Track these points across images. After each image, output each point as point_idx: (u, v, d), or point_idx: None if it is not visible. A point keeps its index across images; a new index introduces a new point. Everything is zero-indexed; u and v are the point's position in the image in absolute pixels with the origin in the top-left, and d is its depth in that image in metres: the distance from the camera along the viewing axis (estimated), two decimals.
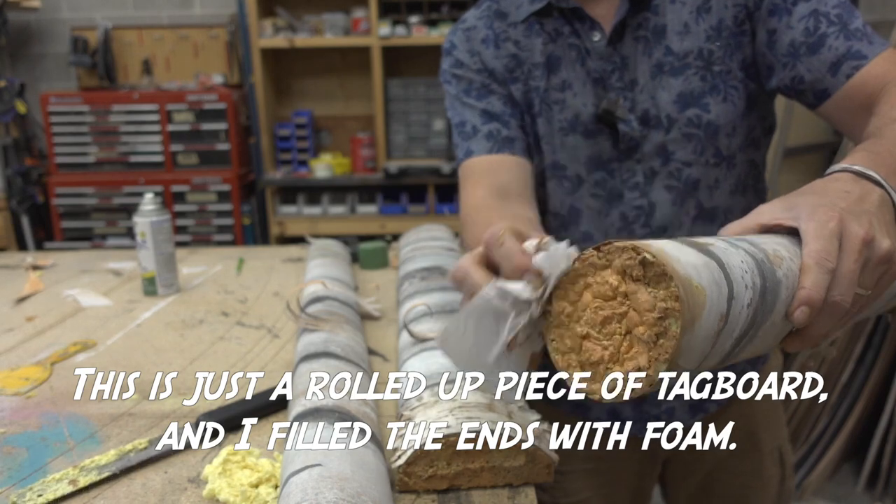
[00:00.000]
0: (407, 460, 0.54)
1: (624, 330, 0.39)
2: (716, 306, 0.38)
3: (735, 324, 0.40)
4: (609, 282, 0.40)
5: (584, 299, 0.41)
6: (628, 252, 0.38)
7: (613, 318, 0.40)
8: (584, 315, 0.41)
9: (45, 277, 1.24)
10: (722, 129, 0.73)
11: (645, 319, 0.38)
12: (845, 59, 0.66)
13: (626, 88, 0.74)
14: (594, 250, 0.40)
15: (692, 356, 0.38)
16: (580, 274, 0.41)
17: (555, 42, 0.76)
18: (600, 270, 0.40)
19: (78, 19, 3.25)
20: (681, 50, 0.72)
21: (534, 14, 0.76)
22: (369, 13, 2.93)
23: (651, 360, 0.37)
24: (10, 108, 3.01)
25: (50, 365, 0.83)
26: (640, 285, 0.38)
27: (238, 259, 1.33)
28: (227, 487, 0.54)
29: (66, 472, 0.58)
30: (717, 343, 0.39)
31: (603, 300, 0.40)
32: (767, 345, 0.45)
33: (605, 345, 0.40)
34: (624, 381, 0.39)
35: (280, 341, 0.90)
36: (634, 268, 0.38)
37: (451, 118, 0.83)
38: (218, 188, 3.05)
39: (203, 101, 3.01)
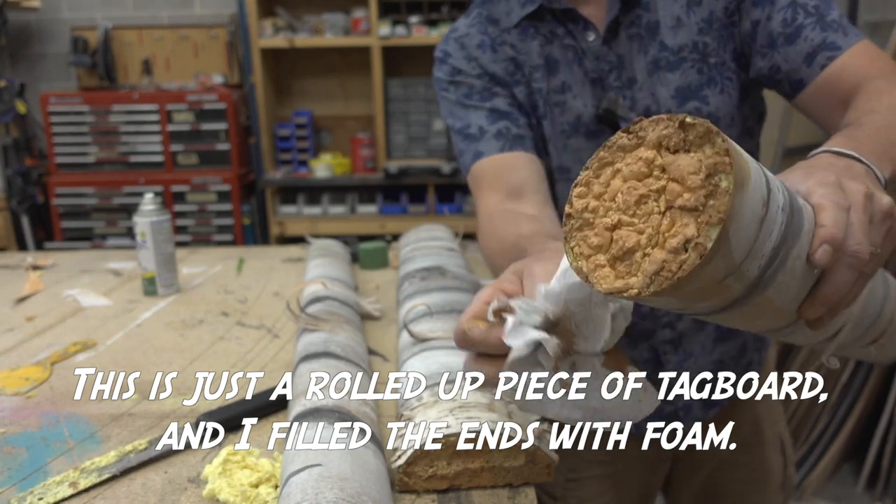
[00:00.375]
0: (407, 460, 0.54)
1: (663, 206, 0.34)
2: (759, 184, 0.34)
3: (773, 223, 0.36)
4: (643, 158, 0.35)
5: (613, 187, 0.36)
6: (663, 122, 0.34)
7: (650, 196, 0.34)
8: (612, 204, 0.36)
9: (46, 277, 1.24)
10: (722, 121, 0.74)
11: (690, 184, 0.33)
12: (820, 50, 0.68)
13: (625, 87, 0.74)
14: (622, 132, 0.36)
15: (741, 234, 0.33)
16: (606, 162, 0.37)
17: (551, 43, 0.76)
18: (631, 151, 0.36)
19: (78, 19, 3.25)
20: (675, 44, 0.72)
21: (526, 18, 0.76)
22: (369, 13, 2.93)
23: (700, 227, 0.32)
24: (11, 108, 3.01)
25: (50, 365, 0.83)
26: (679, 154, 0.34)
27: (238, 259, 1.33)
28: (227, 487, 0.54)
29: (67, 474, 0.58)
30: (759, 237, 0.34)
31: (636, 180, 0.35)
32: (790, 298, 0.41)
33: (641, 227, 0.35)
34: (666, 264, 0.33)
35: (280, 341, 0.90)
36: (672, 136, 0.34)
37: (451, 125, 0.81)
38: (218, 188, 3.05)
39: (203, 101, 3.01)
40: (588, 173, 0.38)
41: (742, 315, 0.40)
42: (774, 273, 0.38)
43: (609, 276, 0.35)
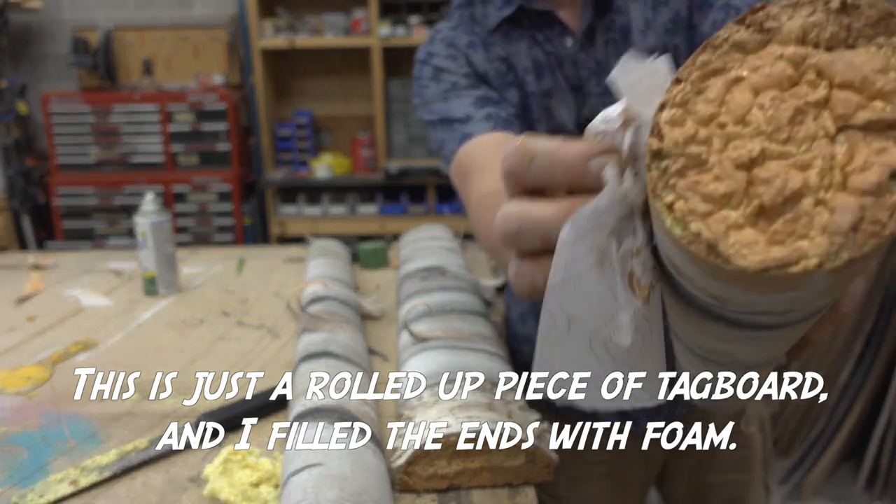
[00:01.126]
0: (407, 460, 0.54)
1: (832, 127, 0.22)
2: None
3: None
4: (785, 56, 0.23)
5: (737, 102, 0.23)
6: (806, 6, 0.23)
7: (808, 112, 0.22)
8: (742, 129, 0.23)
9: (46, 277, 1.24)
10: None
11: (880, 88, 0.21)
12: None
13: (605, 93, 0.73)
14: (736, 24, 0.24)
15: None
16: (713, 70, 0.24)
17: (537, 46, 0.74)
18: (756, 51, 0.24)
19: (79, 20, 3.26)
20: (646, 48, 0.71)
21: (505, 21, 0.74)
22: (369, 13, 2.93)
23: None
24: (12, 108, 3.02)
25: (51, 365, 0.83)
26: (842, 51, 0.23)
27: (238, 259, 1.33)
28: (227, 487, 0.54)
29: (68, 472, 0.58)
30: None
31: (780, 90, 0.23)
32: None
33: (805, 159, 0.22)
34: (867, 212, 0.20)
35: (280, 341, 0.90)
36: (826, 25, 0.23)
37: (429, 119, 0.75)
38: (218, 188, 3.05)
39: (203, 101, 3.01)
40: (682, 88, 0.24)
41: (800, 331, 0.28)
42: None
43: (757, 241, 0.21)
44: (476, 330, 0.76)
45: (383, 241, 1.30)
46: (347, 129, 3.30)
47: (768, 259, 0.21)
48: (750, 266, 0.21)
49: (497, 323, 0.91)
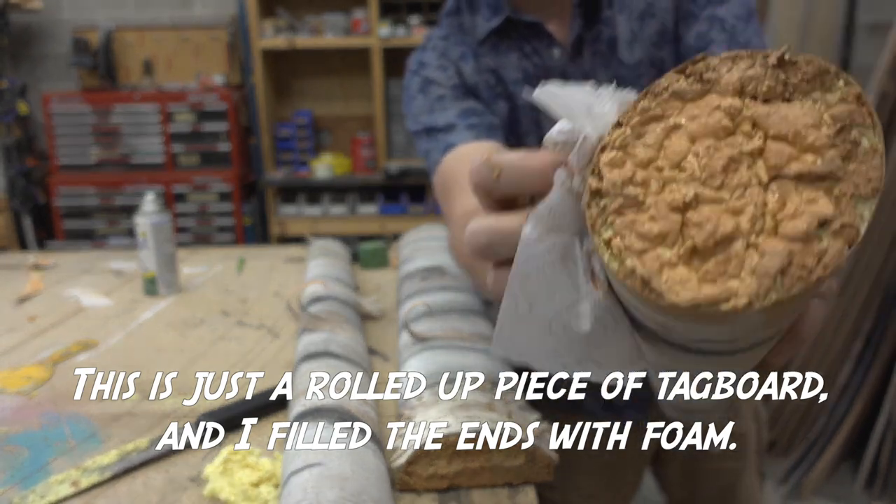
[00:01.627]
0: (407, 460, 0.54)
1: (765, 177, 0.23)
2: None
3: None
4: (721, 107, 0.24)
5: (674, 149, 0.24)
6: (745, 59, 0.24)
7: (742, 161, 0.23)
8: (678, 174, 0.24)
9: (47, 277, 1.24)
10: None
11: (811, 142, 0.23)
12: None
13: None
14: (677, 73, 0.25)
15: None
16: (653, 116, 0.25)
17: (526, 59, 0.74)
18: (695, 100, 0.25)
19: (79, 20, 3.26)
20: (632, 60, 0.71)
21: (493, 33, 0.73)
22: (369, 13, 2.93)
23: (841, 202, 0.22)
24: (12, 108, 3.02)
25: (51, 364, 0.83)
26: (778, 104, 0.24)
27: (239, 259, 1.33)
28: (228, 487, 0.54)
29: (68, 473, 0.59)
30: None
31: (716, 139, 0.24)
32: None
33: (737, 205, 0.23)
34: (794, 257, 0.21)
35: (280, 341, 0.90)
36: (764, 79, 0.24)
37: (415, 130, 0.76)
38: (219, 188, 3.06)
39: (204, 101, 3.01)
40: (623, 131, 0.25)
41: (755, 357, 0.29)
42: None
43: (689, 279, 0.23)
44: (476, 330, 0.76)
45: (383, 241, 1.31)
46: (347, 129, 3.30)
47: (699, 296, 0.22)
48: (681, 302, 0.22)
49: None
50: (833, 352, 1.95)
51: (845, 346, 1.94)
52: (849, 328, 1.93)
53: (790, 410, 2.00)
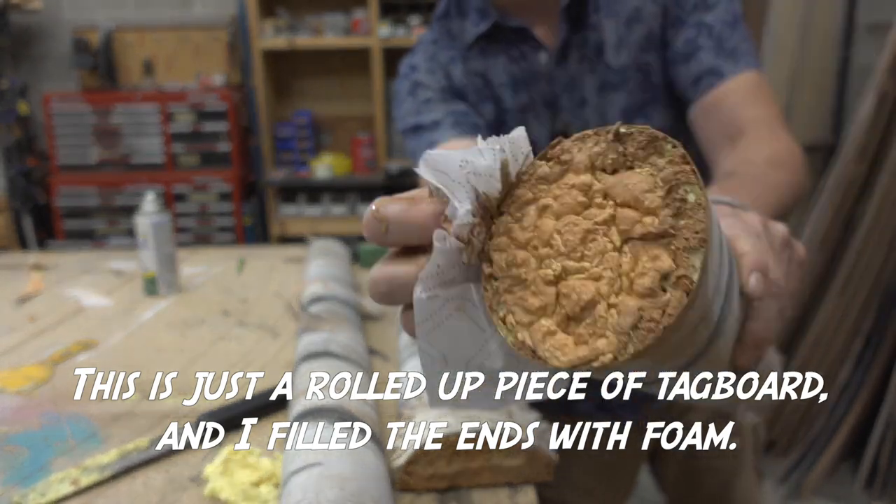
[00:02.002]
0: (407, 460, 0.54)
1: (618, 241, 0.26)
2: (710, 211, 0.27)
3: (724, 250, 0.30)
4: (575, 185, 0.27)
5: (543, 229, 0.27)
6: (591, 138, 0.27)
7: (598, 231, 0.26)
8: (549, 251, 0.27)
9: (47, 277, 1.24)
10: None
11: (648, 205, 0.25)
12: (706, 75, 0.68)
13: (577, 108, 0.74)
14: (539, 160, 0.28)
15: (712, 262, 0.26)
16: (526, 200, 0.28)
17: (514, 63, 0.75)
18: (556, 181, 0.27)
19: (79, 20, 3.26)
20: (619, 65, 0.72)
21: (481, 38, 0.74)
22: (369, 14, 2.93)
23: (677, 256, 0.24)
24: (13, 108, 3.02)
25: (51, 364, 0.83)
26: (621, 173, 0.26)
27: (239, 259, 1.33)
28: (228, 486, 0.54)
29: (69, 472, 0.59)
30: (720, 267, 0.29)
31: (574, 214, 0.27)
32: (728, 347, 0.35)
33: (597, 272, 0.26)
34: (644, 312, 0.24)
35: (280, 341, 0.90)
36: (607, 153, 0.27)
37: (403, 128, 0.77)
38: (219, 188, 3.06)
39: (204, 101, 3.01)
40: (505, 219, 0.28)
41: (688, 376, 0.33)
42: (726, 315, 0.31)
43: (566, 344, 0.26)
44: None
45: None
46: (347, 129, 3.30)
47: (574, 359, 0.26)
48: (562, 366, 0.26)
49: None
50: (833, 351, 1.95)
51: (845, 346, 1.94)
52: (849, 328, 1.93)
53: (790, 410, 2.00)
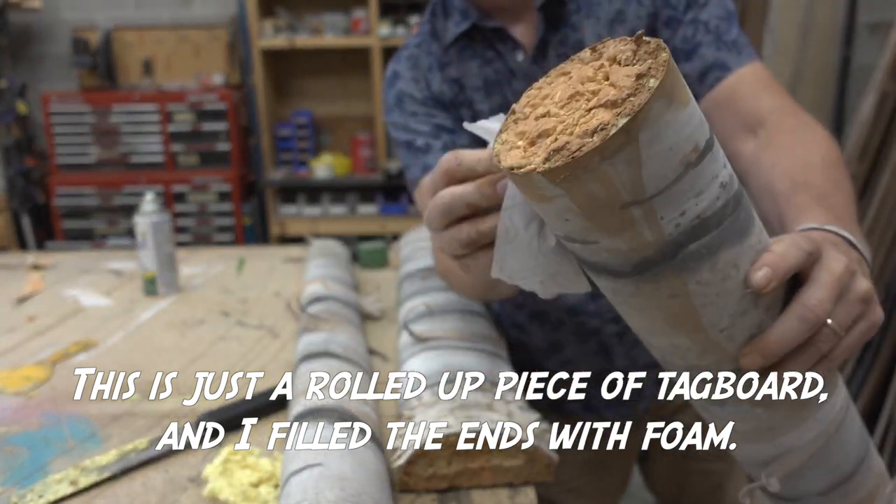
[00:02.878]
0: (407, 460, 0.54)
1: (591, 104, 0.33)
2: (693, 125, 0.34)
3: (704, 184, 0.34)
4: (593, 66, 0.36)
5: (555, 87, 0.37)
6: (624, 41, 0.35)
7: (583, 95, 0.35)
8: (549, 101, 0.37)
9: (46, 277, 1.24)
10: None
11: (620, 83, 0.33)
12: (711, 69, 0.70)
13: None
14: (588, 49, 0.37)
15: (656, 156, 0.32)
16: (563, 72, 0.38)
17: (490, 65, 0.77)
18: (587, 63, 0.37)
19: (79, 20, 3.26)
20: None
21: (462, 36, 0.77)
22: (369, 13, 2.93)
23: (616, 117, 0.31)
24: (11, 108, 3.01)
25: (51, 365, 0.83)
26: (625, 66, 0.34)
27: (238, 259, 1.33)
28: (227, 487, 0.54)
29: (67, 472, 0.58)
30: (680, 183, 0.33)
31: (580, 84, 0.35)
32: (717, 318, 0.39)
33: (563, 116, 0.34)
34: (568, 144, 0.32)
35: (280, 341, 0.90)
36: (627, 51, 0.34)
37: (396, 138, 0.80)
38: (218, 188, 3.06)
39: (203, 101, 3.01)
40: (544, 79, 0.39)
41: (656, 306, 0.38)
42: (698, 257, 0.36)
43: (516, 155, 0.35)
44: (476, 330, 0.76)
45: (383, 241, 1.30)
46: (347, 129, 3.30)
47: (512, 163, 0.35)
48: (504, 166, 0.35)
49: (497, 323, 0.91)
50: None
51: None
52: None
53: None
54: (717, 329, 0.39)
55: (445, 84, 0.79)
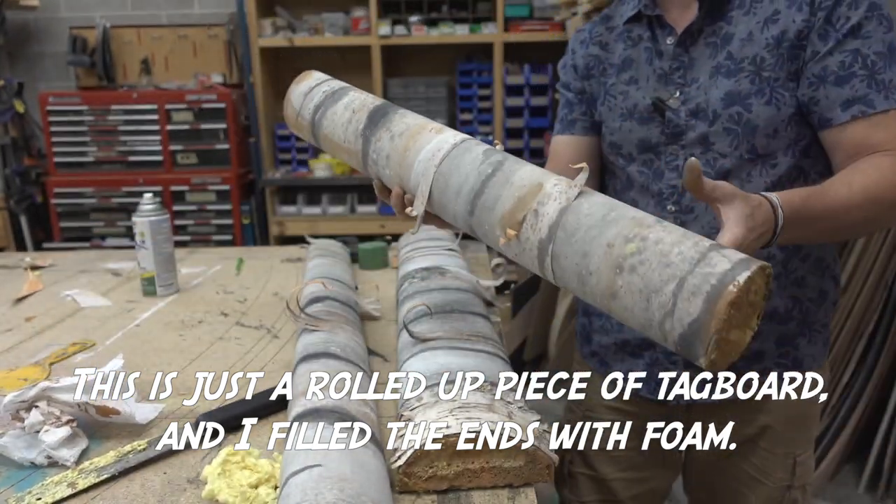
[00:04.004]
0: (407, 461, 0.54)
1: None
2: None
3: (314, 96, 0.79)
4: None
5: None
6: None
7: None
8: None
9: (44, 277, 1.24)
10: (760, 129, 0.79)
11: None
12: (857, 102, 0.74)
13: (686, 84, 0.83)
14: None
15: (296, 95, 0.83)
16: None
17: (634, 47, 0.89)
18: None
19: (77, 18, 3.25)
20: (739, 55, 0.79)
21: (630, 20, 0.89)
22: (369, 12, 2.93)
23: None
24: (9, 107, 3.01)
25: (48, 365, 0.83)
26: None
27: (237, 259, 1.33)
28: (226, 488, 0.54)
29: (66, 474, 0.58)
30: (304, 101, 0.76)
31: None
32: (341, 139, 0.82)
33: None
34: None
35: (280, 341, 0.90)
36: None
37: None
38: (217, 188, 3.05)
39: (202, 100, 3.00)
40: None
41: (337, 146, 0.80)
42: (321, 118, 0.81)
43: None
44: (476, 330, 0.75)
45: (383, 242, 1.30)
46: None
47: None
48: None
49: (497, 323, 0.91)
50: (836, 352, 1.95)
51: (849, 347, 1.94)
52: (852, 329, 1.93)
53: None
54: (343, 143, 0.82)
55: (585, 59, 0.95)
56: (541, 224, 0.56)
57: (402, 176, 0.72)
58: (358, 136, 0.77)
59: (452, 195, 0.65)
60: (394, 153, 0.73)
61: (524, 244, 0.58)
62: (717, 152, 0.81)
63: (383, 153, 0.74)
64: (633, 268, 0.50)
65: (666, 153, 0.84)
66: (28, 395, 0.61)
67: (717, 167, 0.81)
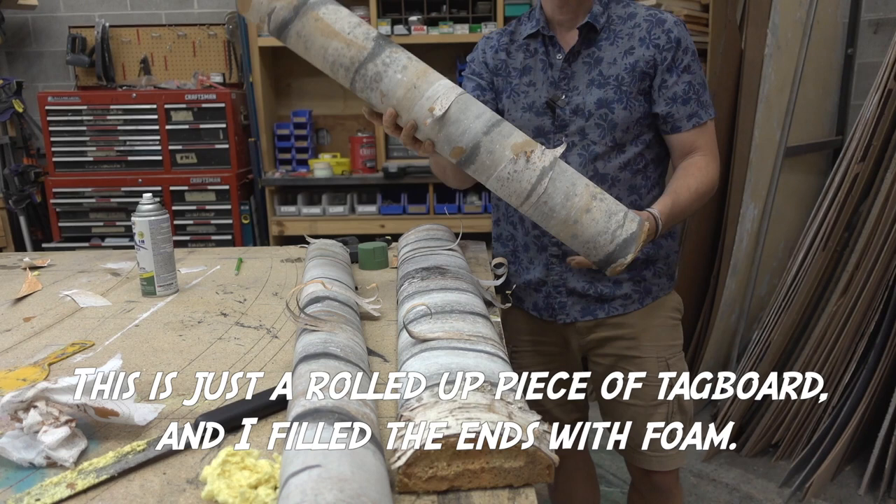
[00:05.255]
0: (407, 461, 0.54)
1: None
2: None
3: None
4: None
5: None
6: None
7: None
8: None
9: (43, 277, 1.23)
10: (619, 126, 1.10)
11: None
12: (694, 116, 1.11)
13: (570, 90, 1.12)
14: None
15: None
16: None
17: (532, 57, 1.17)
18: None
19: (76, 18, 3.25)
20: (607, 73, 1.11)
21: (528, 37, 1.16)
22: (369, 12, 2.92)
23: None
24: (8, 106, 3.00)
25: (47, 366, 0.82)
26: None
27: (237, 259, 1.33)
28: (225, 489, 0.54)
29: (65, 475, 0.58)
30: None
31: None
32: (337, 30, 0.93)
33: None
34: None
35: (279, 341, 0.90)
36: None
37: (464, 86, 1.21)
38: (217, 188, 3.05)
39: (202, 100, 3.00)
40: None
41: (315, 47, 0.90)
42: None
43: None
44: (476, 330, 0.75)
45: (383, 242, 1.30)
46: (347, 129, 3.29)
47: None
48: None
49: (497, 323, 0.91)
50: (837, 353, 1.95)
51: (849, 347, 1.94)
52: (853, 329, 1.93)
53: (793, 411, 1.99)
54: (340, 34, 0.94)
55: (495, 61, 1.20)
56: (545, 156, 0.86)
57: (412, 92, 0.87)
58: (369, 38, 0.88)
59: (472, 116, 0.86)
60: (411, 66, 0.87)
61: (530, 165, 0.85)
62: (590, 140, 1.11)
63: (399, 63, 0.87)
64: (602, 198, 0.88)
65: (554, 138, 1.13)
66: (27, 395, 0.61)
67: (590, 151, 1.11)
